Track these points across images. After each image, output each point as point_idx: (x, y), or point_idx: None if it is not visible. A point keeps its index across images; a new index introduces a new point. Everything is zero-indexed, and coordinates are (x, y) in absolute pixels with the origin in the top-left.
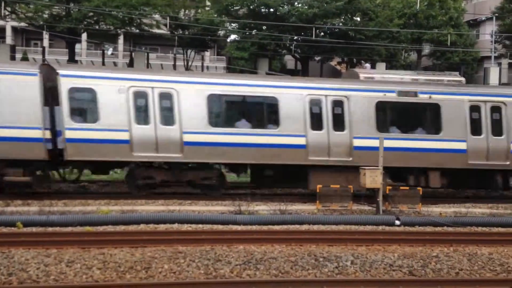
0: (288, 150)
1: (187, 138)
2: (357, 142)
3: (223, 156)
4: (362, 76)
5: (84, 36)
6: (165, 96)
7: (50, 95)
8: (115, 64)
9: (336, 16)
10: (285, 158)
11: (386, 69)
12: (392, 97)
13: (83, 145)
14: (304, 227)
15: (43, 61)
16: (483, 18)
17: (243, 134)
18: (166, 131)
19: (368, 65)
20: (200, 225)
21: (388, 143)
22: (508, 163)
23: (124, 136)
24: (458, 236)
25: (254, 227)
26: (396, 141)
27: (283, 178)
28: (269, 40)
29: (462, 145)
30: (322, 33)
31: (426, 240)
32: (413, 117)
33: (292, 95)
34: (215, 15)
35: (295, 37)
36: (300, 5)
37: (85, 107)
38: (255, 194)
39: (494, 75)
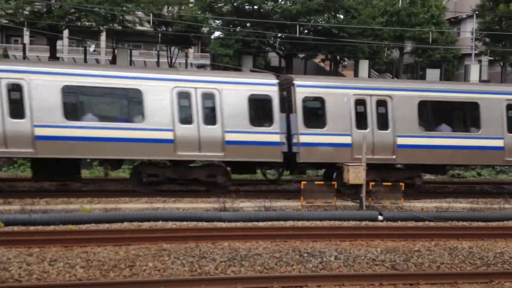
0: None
1: None
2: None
3: None
4: None
5: (65, 33)
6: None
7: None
8: (97, 61)
9: (319, 13)
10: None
11: (369, 66)
12: None
13: (312, 149)
14: (289, 223)
15: (24, 58)
16: (463, 16)
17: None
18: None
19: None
20: (185, 223)
21: None
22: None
23: (347, 140)
24: (440, 230)
25: (239, 224)
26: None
27: None
28: (253, 37)
29: None
30: (305, 31)
31: (408, 235)
32: None
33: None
34: (199, 12)
35: (279, 34)
36: (283, 2)
37: (314, 115)
38: (240, 191)
39: (474, 72)
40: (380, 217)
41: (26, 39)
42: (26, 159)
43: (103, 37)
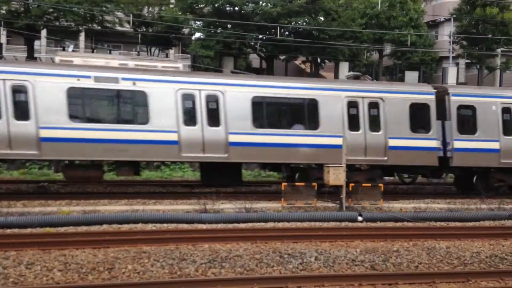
0: None
1: None
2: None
3: None
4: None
5: (43, 32)
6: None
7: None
8: None
9: (300, 15)
10: None
11: (349, 68)
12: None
13: (465, 154)
14: (269, 224)
15: (0, 57)
16: (441, 19)
17: None
18: None
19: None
20: (165, 225)
21: None
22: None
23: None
24: (418, 231)
25: (219, 226)
26: None
27: None
28: (234, 38)
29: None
30: (286, 32)
31: (387, 235)
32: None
33: None
34: (179, 13)
35: (260, 36)
36: (264, 4)
37: (466, 121)
38: (220, 193)
39: (452, 75)
40: (359, 218)
41: (3, 39)
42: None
43: (82, 37)
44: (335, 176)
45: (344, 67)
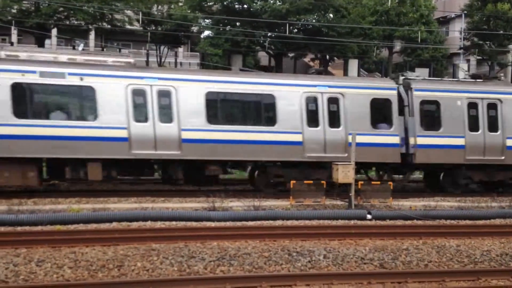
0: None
1: None
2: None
3: None
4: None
5: (54, 31)
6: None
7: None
8: None
9: (309, 12)
10: None
11: (358, 65)
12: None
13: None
14: (278, 222)
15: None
16: (452, 16)
17: None
18: None
19: None
20: (174, 222)
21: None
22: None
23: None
24: (427, 229)
25: (228, 224)
26: None
27: None
28: (243, 36)
29: None
30: (295, 30)
31: (397, 234)
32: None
33: None
34: (189, 11)
35: (269, 34)
36: (272, 1)
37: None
38: (229, 191)
39: (463, 71)
40: (368, 216)
41: (14, 38)
42: None
43: (92, 36)
44: (344, 174)
45: (353, 64)
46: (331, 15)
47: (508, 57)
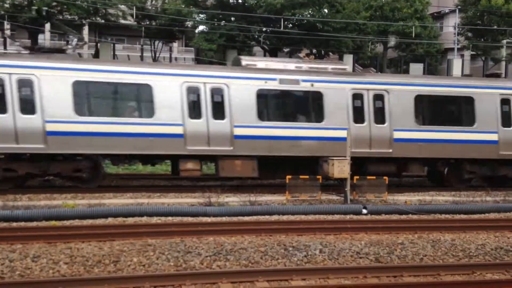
0: None
1: None
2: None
3: None
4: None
5: (47, 26)
6: None
7: None
8: (79, 55)
9: (304, 7)
10: None
11: (353, 61)
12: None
13: None
14: (274, 217)
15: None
16: (446, 11)
17: None
18: None
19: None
20: (170, 218)
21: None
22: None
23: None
24: (423, 223)
25: (224, 219)
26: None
27: None
28: (238, 31)
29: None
30: (290, 25)
31: (392, 228)
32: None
33: None
34: (183, 6)
35: (264, 29)
36: None
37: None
38: (225, 186)
39: (457, 66)
40: (364, 211)
41: (7, 33)
42: None
43: (85, 30)
44: (340, 169)
45: (348, 60)
46: (326, 10)
47: (502, 52)
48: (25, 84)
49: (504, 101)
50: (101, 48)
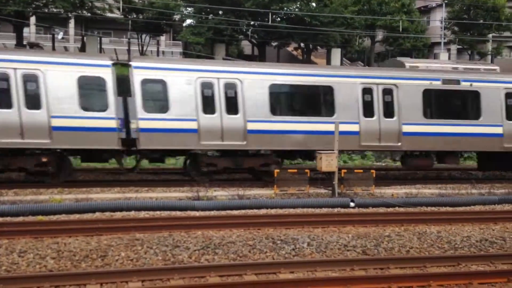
0: None
1: None
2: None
3: None
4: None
5: (32, 19)
6: None
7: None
8: (65, 49)
9: (292, 1)
10: None
11: (341, 55)
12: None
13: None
14: (262, 211)
15: None
16: (433, 5)
17: None
18: None
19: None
20: (158, 212)
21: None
22: None
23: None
24: (409, 216)
25: (212, 213)
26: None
27: None
28: (226, 25)
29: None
30: (278, 19)
31: (379, 221)
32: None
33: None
34: None
35: (252, 22)
36: None
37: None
38: (214, 180)
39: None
40: (352, 204)
41: None
42: None
43: (71, 24)
44: (328, 162)
45: (336, 53)
46: (314, 4)
47: (488, 46)
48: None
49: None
50: (87, 42)
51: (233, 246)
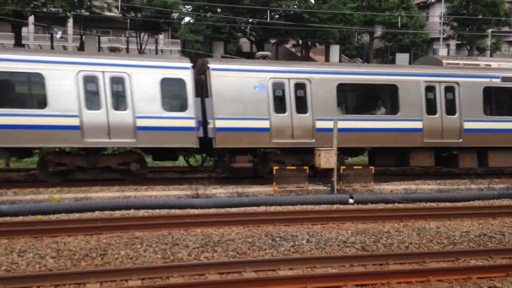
0: None
1: None
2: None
3: None
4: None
5: (31, 19)
6: None
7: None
8: (64, 48)
9: None
10: None
11: (340, 51)
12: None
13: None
14: (261, 208)
15: None
16: (432, 1)
17: None
18: None
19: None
20: (157, 210)
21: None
22: None
23: None
24: (408, 212)
25: (211, 210)
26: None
27: None
28: (224, 23)
29: None
30: (277, 16)
31: (378, 217)
32: None
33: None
34: None
35: (250, 20)
36: None
37: None
38: (212, 178)
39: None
40: (351, 200)
41: None
42: None
43: (70, 23)
44: (326, 159)
45: (335, 50)
46: (312, 1)
47: (487, 42)
48: None
49: None
50: (85, 41)
51: (232, 243)
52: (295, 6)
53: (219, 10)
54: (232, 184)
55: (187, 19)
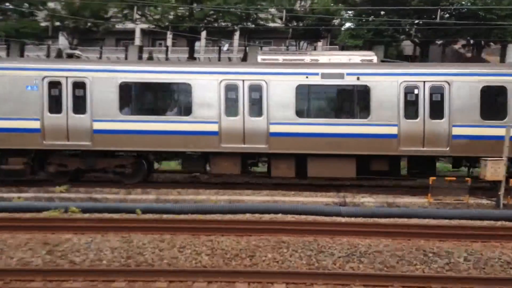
0: None
1: None
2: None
3: None
4: None
5: (203, 34)
6: None
7: None
8: (229, 59)
9: None
10: None
11: None
12: None
13: None
14: (413, 221)
15: (166, 59)
16: None
17: None
18: None
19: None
20: (304, 216)
21: None
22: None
23: None
24: None
25: (358, 220)
26: None
27: None
28: (387, 25)
29: None
30: (447, 15)
31: None
32: None
33: None
34: (332, 4)
35: (416, 21)
36: None
37: None
38: (361, 186)
39: None
40: None
41: (169, 42)
42: None
43: (236, 36)
44: (494, 170)
45: (511, 50)
46: None
47: None
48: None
49: None
50: (249, 52)
51: (380, 255)
52: (469, 4)
53: (382, 13)
54: (382, 194)
55: (347, 24)
